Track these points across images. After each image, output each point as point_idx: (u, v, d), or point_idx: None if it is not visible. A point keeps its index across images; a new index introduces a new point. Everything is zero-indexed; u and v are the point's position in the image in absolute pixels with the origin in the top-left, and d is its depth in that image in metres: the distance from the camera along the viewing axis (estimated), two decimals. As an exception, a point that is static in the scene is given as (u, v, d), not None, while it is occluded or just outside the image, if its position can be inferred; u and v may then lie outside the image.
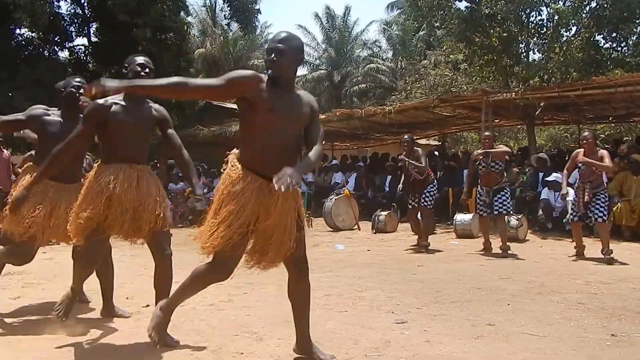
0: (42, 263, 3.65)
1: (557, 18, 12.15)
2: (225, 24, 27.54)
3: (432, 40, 27.21)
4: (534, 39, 13.21)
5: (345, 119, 12.77)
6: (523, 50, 13.54)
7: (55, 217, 3.59)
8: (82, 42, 17.98)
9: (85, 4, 17.21)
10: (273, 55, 2.74)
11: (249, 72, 2.82)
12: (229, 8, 20.58)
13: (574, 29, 12.52)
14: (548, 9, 12.48)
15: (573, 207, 6.67)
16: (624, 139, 13.67)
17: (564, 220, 7.49)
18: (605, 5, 11.67)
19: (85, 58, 17.90)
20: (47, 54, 16.79)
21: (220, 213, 2.74)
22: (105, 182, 3.20)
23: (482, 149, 7.18)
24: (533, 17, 12.84)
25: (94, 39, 17.42)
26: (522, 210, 9.09)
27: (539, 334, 3.55)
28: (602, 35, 12.57)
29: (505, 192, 7.10)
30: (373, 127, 13.56)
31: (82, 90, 3.67)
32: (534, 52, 14.07)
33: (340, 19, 34.08)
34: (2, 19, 14.02)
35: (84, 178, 3.53)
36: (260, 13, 31.15)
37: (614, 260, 6.30)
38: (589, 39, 12.17)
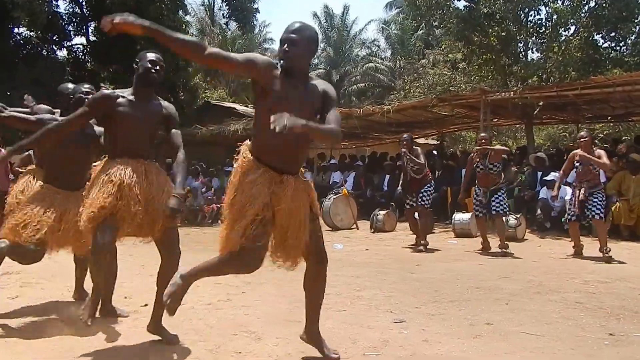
0: (40, 262, 3.62)
1: (555, 17, 12.17)
2: (224, 23, 27.54)
3: (430, 40, 27.27)
4: (533, 39, 13.23)
5: (344, 118, 12.66)
6: (522, 50, 13.56)
7: (65, 221, 3.55)
8: (80, 41, 17.99)
9: (84, 3, 17.20)
10: (286, 46, 2.74)
11: (266, 58, 2.80)
12: (228, 7, 20.57)
13: (573, 29, 12.54)
14: (547, 8, 12.51)
15: (570, 206, 6.69)
16: (623, 139, 13.66)
17: (563, 220, 7.50)
18: (604, 5, 11.68)
19: (84, 57, 17.90)
20: (45, 53, 16.79)
21: (234, 204, 2.74)
22: (114, 172, 3.15)
23: (477, 152, 7.22)
24: (532, 16, 12.87)
25: (93, 38, 17.42)
26: (520, 210, 9.09)
27: (538, 333, 3.55)
28: (600, 35, 12.59)
29: (502, 192, 7.15)
30: (372, 126, 13.54)
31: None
32: (533, 51, 14.12)
33: (339, 18, 34.14)
34: (0, 18, 14.00)
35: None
36: (259, 12, 31.24)
37: (612, 259, 6.31)
38: (588, 39, 12.19)
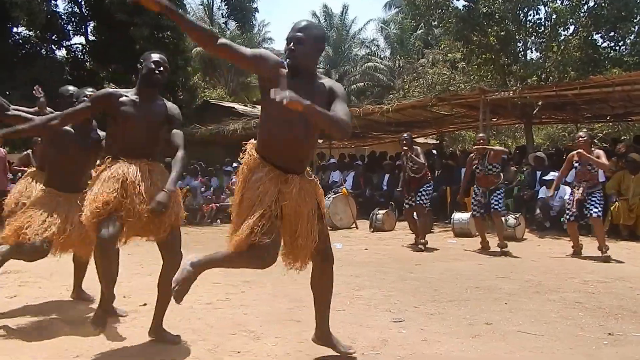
0: (39, 261, 3.62)
1: (554, 17, 12.18)
2: (223, 23, 27.54)
3: (429, 39, 27.28)
4: (532, 38, 13.24)
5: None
6: (521, 49, 13.57)
7: (71, 222, 3.55)
8: (79, 40, 18.00)
9: (83, 3, 17.20)
10: (292, 44, 2.73)
11: (275, 56, 2.80)
12: (227, 6, 20.58)
13: (572, 28, 12.55)
14: (546, 8, 12.52)
15: (569, 206, 6.69)
16: (622, 138, 13.66)
17: (562, 220, 7.50)
18: (603, 5, 11.69)
19: (83, 57, 17.91)
20: (44, 53, 16.79)
21: (243, 201, 2.73)
22: (117, 168, 3.13)
23: (475, 151, 7.23)
24: (531, 16, 12.88)
25: (92, 38, 17.44)
26: (519, 209, 9.09)
27: (536, 333, 3.55)
28: (600, 35, 12.59)
29: (500, 191, 7.18)
30: (371, 125, 13.54)
31: None
32: (532, 51, 14.13)
33: (338, 18, 34.18)
34: (-1, 18, 14.00)
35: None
36: (258, 11, 31.15)
37: (610, 258, 6.31)
38: (587, 38, 12.20)
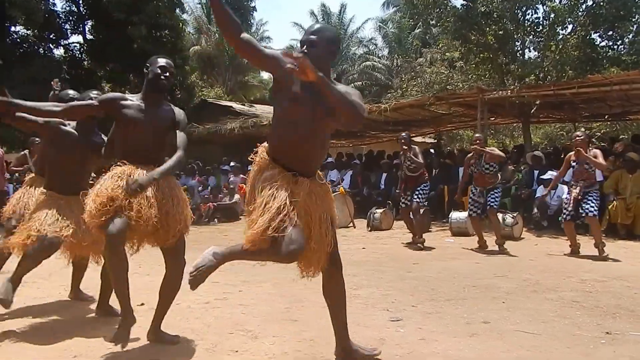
0: (37, 261, 3.63)
1: (553, 16, 12.20)
2: (221, 22, 27.45)
3: (427, 38, 27.28)
4: (530, 37, 13.26)
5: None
6: (519, 48, 13.60)
7: (78, 225, 3.54)
8: (77, 39, 18.03)
9: (81, 2, 17.17)
10: (305, 47, 2.72)
11: (289, 59, 2.75)
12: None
13: (570, 27, 12.58)
14: (544, 7, 12.55)
15: (566, 206, 6.70)
16: (620, 137, 13.67)
17: (559, 219, 7.50)
18: (602, 4, 11.72)
19: (81, 55, 17.87)
20: (42, 52, 16.74)
21: (256, 198, 2.69)
22: (122, 170, 3.11)
23: (473, 151, 7.25)
24: (529, 15, 12.92)
25: (89, 37, 17.39)
26: (517, 208, 9.09)
27: (534, 332, 3.56)
28: (598, 34, 12.63)
29: (498, 190, 7.19)
30: (369, 124, 13.52)
31: None
32: (530, 50, 14.15)
33: (336, 17, 34.13)
34: (-3, 17, 13.97)
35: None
36: (256, 10, 31.18)
37: (607, 257, 6.33)
38: (585, 37, 12.22)
